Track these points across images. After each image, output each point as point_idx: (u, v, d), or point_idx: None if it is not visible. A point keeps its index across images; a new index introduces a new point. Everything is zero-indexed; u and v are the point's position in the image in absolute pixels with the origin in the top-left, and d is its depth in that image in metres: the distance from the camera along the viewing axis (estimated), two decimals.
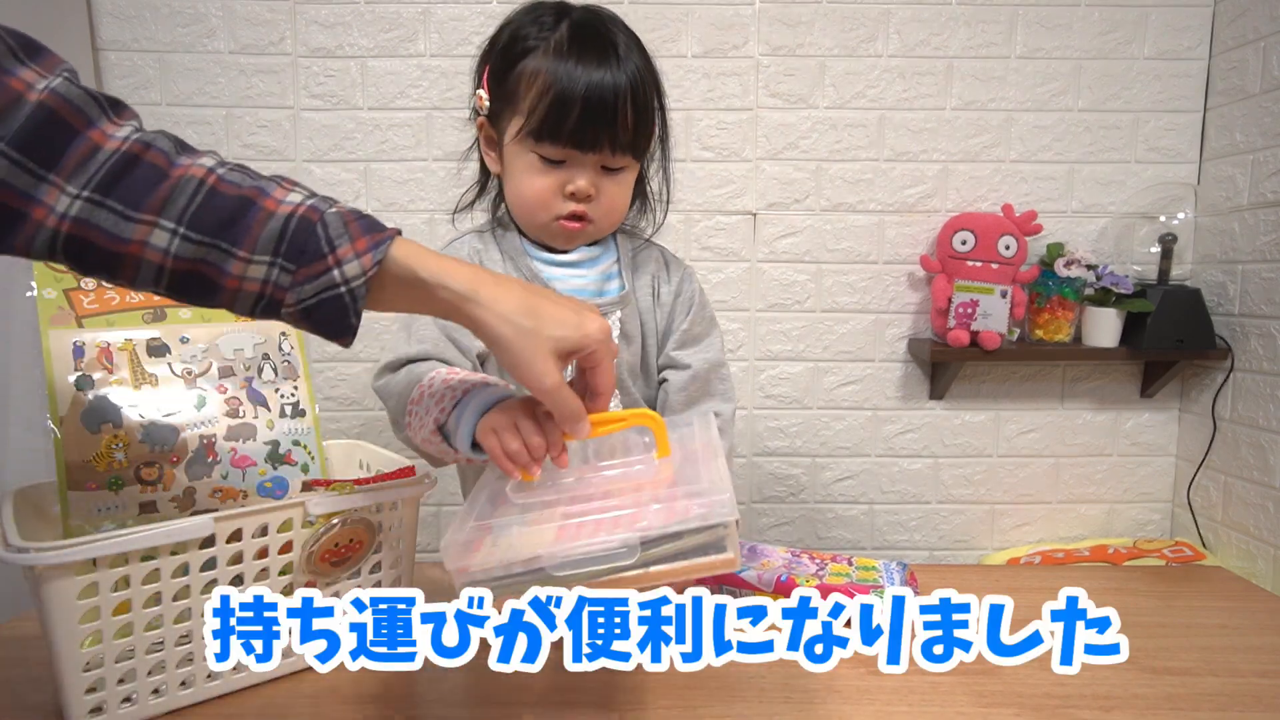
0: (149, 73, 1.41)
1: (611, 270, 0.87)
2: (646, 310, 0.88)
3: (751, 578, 0.84)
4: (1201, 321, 1.37)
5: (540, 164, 0.77)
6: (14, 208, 0.48)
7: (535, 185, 0.78)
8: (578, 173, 0.77)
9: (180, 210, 0.50)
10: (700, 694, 0.68)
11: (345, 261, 0.53)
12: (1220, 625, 0.84)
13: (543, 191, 0.78)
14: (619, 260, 0.88)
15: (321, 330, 0.55)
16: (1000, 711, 0.66)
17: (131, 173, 0.49)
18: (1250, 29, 1.35)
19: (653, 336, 0.88)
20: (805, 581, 0.81)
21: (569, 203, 0.78)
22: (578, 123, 0.74)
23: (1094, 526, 1.56)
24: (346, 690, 0.69)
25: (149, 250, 0.50)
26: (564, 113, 0.73)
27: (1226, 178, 1.40)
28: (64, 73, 0.49)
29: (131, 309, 0.77)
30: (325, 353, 1.49)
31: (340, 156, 1.45)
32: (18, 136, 0.47)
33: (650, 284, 0.88)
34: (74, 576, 0.58)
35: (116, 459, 0.71)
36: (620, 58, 0.75)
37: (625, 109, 0.75)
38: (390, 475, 0.78)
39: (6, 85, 0.46)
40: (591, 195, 0.78)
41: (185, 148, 0.52)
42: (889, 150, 1.47)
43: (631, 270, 0.88)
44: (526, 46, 0.76)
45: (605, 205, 0.80)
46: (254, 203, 0.52)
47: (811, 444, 1.54)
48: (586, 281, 0.85)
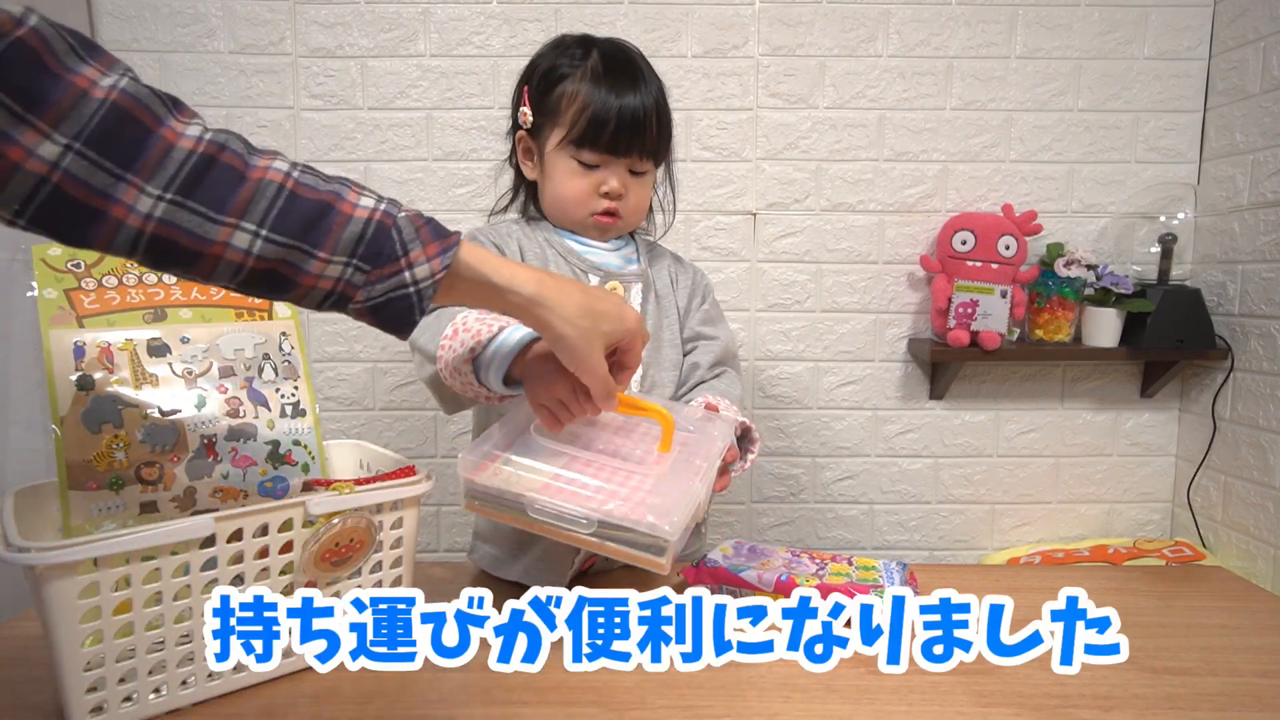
0: (149, 73, 1.41)
1: (630, 255, 1.00)
2: (665, 291, 1.00)
3: (751, 578, 0.84)
4: (1201, 321, 1.37)
5: (579, 168, 0.91)
6: (93, 206, 0.48)
7: (575, 185, 0.92)
8: (610, 175, 0.92)
9: (262, 213, 0.52)
10: (700, 694, 0.68)
11: (416, 265, 0.57)
12: (1220, 625, 0.84)
13: (581, 191, 0.92)
14: (636, 250, 1.01)
15: (385, 325, 0.60)
16: (1000, 711, 0.66)
17: (210, 174, 0.51)
18: (1250, 29, 1.35)
19: (672, 311, 1.00)
20: (805, 581, 0.81)
21: (603, 200, 0.93)
22: (613, 134, 0.88)
23: (1094, 526, 1.56)
24: (346, 690, 0.69)
25: (230, 250, 0.52)
26: (602, 126, 0.88)
27: (1226, 178, 1.40)
28: (127, 72, 0.50)
29: (132, 309, 0.77)
30: (325, 353, 1.49)
31: (340, 156, 1.45)
32: (93, 136, 0.47)
33: (667, 272, 1.02)
34: (74, 576, 0.58)
35: (117, 459, 0.71)
36: (645, 81, 0.91)
37: (652, 123, 0.91)
38: (390, 475, 0.78)
39: (72, 83, 0.47)
40: (622, 194, 0.93)
41: (253, 148, 0.54)
42: (889, 150, 1.47)
43: (648, 259, 1.01)
44: (564, 72, 0.91)
45: (633, 203, 0.94)
46: (332, 207, 0.55)
47: (811, 444, 1.54)
48: (610, 258, 0.98)
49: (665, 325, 0.99)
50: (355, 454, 0.90)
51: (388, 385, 1.50)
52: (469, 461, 0.69)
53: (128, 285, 0.77)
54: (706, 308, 1.03)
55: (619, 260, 0.98)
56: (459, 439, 1.51)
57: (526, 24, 1.43)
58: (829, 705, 0.66)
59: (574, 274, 0.94)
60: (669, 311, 1.00)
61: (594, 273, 0.95)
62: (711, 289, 1.07)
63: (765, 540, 1.54)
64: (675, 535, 0.65)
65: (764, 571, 0.85)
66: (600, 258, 0.97)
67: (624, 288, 0.96)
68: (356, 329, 1.49)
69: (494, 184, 1.01)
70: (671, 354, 0.98)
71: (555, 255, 0.95)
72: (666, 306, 1.00)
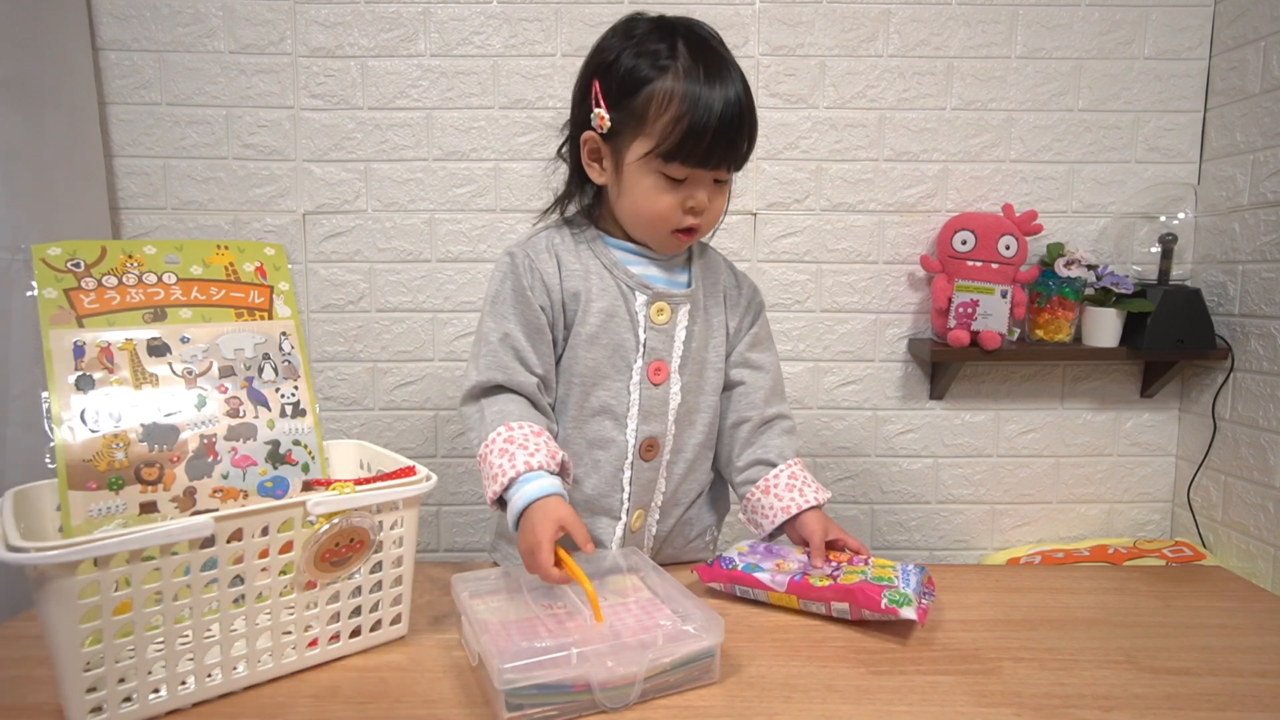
0: (149, 73, 1.41)
1: (680, 266, 0.93)
2: (716, 310, 0.94)
3: (765, 578, 0.84)
4: (1201, 321, 1.37)
5: (665, 183, 0.82)
6: None
7: (661, 203, 0.83)
8: (698, 189, 0.83)
9: None
10: (700, 694, 0.68)
11: None
12: (1220, 625, 0.84)
13: (666, 209, 0.83)
14: (690, 259, 0.94)
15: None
16: (1000, 711, 0.66)
17: None
18: (1250, 29, 1.35)
19: (720, 332, 0.95)
20: (819, 581, 0.81)
21: (687, 217, 0.84)
22: (709, 147, 0.79)
23: (1094, 526, 1.56)
24: (347, 690, 0.69)
25: None
26: (700, 138, 0.79)
27: (1226, 178, 1.40)
28: None
29: (132, 308, 0.77)
30: (325, 353, 1.49)
31: (340, 156, 1.45)
32: None
33: (721, 288, 0.96)
34: (74, 576, 0.58)
35: (117, 459, 0.71)
36: (734, 77, 0.81)
37: (747, 128, 0.82)
38: (390, 475, 0.78)
39: None
40: (705, 208, 0.85)
41: None
42: (889, 150, 1.47)
43: (701, 271, 0.94)
44: (647, 75, 0.80)
45: (712, 215, 0.86)
46: None
47: (811, 444, 1.54)
48: (658, 271, 0.90)
49: (711, 347, 0.94)
50: (355, 454, 0.90)
51: (388, 385, 1.50)
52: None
53: (128, 285, 0.77)
54: (756, 330, 0.97)
55: (667, 276, 0.91)
56: (459, 439, 1.51)
57: (526, 24, 1.43)
58: (829, 705, 0.66)
59: (618, 289, 0.87)
60: (717, 332, 0.94)
61: (641, 290, 0.88)
62: (764, 307, 1.00)
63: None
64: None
65: (777, 573, 0.84)
66: (648, 271, 0.90)
67: (671, 309, 0.89)
68: (356, 329, 1.49)
69: (547, 178, 0.96)
70: (715, 378, 0.94)
71: (600, 268, 0.88)
72: (715, 327, 0.94)
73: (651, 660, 0.65)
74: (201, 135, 1.43)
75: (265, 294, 0.85)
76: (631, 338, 0.88)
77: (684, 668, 0.67)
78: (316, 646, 0.73)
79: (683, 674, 0.68)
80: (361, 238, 1.47)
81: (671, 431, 0.91)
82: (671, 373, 0.89)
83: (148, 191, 1.44)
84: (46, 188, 1.24)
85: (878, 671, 0.72)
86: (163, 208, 1.45)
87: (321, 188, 1.46)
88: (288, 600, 0.70)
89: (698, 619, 0.69)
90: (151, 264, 0.80)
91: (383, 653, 0.76)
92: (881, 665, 0.73)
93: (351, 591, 0.74)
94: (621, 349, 0.88)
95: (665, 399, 0.89)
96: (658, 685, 0.66)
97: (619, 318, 0.87)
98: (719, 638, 0.68)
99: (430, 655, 0.75)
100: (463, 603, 0.73)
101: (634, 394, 0.88)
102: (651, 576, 0.80)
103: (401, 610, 0.78)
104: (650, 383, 0.88)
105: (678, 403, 0.90)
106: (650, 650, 0.65)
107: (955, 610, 0.85)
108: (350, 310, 1.49)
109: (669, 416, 0.90)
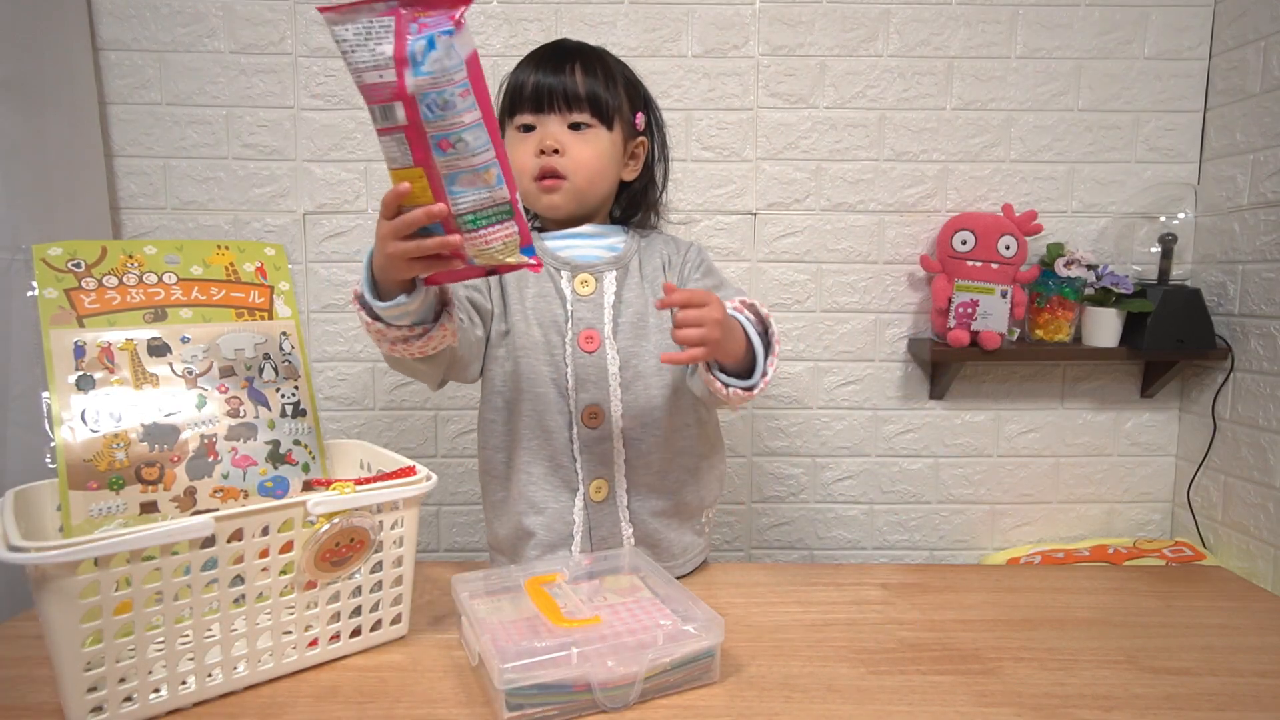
0: (149, 73, 1.41)
1: (615, 245, 0.97)
2: (654, 275, 0.96)
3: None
4: (1201, 321, 1.37)
5: (519, 135, 0.91)
6: None
7: (519, 155, 0.90)
8: (545, 132, 0.89)
9: None
10: (700, 694, 0.68)
11: None
12: (1220, 625, 0.84)
13: (523, 158, 0.90)
14: (626, 240, 0.98)
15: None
16: (1000, 711, 0.66)
17: None
18: (1250, 29, 1.35)
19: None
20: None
21: (540, 159, 0.89)
22: (534, 88, 0.88)
23: (1094, 526, 1.56)
24: (347, 690, 0.69)
25: None
26: (524, 80, 0.89)
27: (1226, 178, 1.40)
28: None
29: (132, 308, 0.77)
30: (325, 353, 1.49)
31: (340, 156, 1.45)
32: None
33: (659, 255, 0.98)
34: (74, 576, 0.58)
35: (117, 458, 0.71)
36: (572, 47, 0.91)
37: (574, 69, 0.89)
38: (390, 475, 0.78)
39: None
40: (559, 149, 0.89)
41: None
42: (889, 150, 1.47)
43: (637, 244, 0.98)
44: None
45: (575, 160, 0.90)
46: None
47: (811, 444, 1.54)
48: (589, 251, 0.95)
49: (651, 310, 0.94)
50: (355, 454, 0.90)
51: (388, 385, 1.50)
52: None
53: (128, 285, 0.77)
54: (699, 276, 0.97)
55: (600, 252, 0.95)
56: (459, 439, 1.51)
57: (527, 24, 1.43)
58: (829, 705, 0.66)
59: (548, 273, 0.93)
60: (659, 294, 0.93)
61: (564, 268, 0.93)
62: (706, 254, 1.00)
63: (765, 541, 1.54)
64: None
65: None
66: (575, 252, 0.94)
67: (594, 278, 0.93)
68: (357, 329, 1.49)
69: None
70: (661, 340, 0.93)
71: (546, 257, 0.93)
72: (658, 290, 0.94)
73: (651, 660, 0.65)
74: (201, 135, 1.43)
75: (265, 294, 0.85)
76: (562, 311, 0.92)
77: (684, 668, 0.67)
78: (317, 646, 0.73)
79: (683, 674, 0.68)
80: (361, 238, 1.47)
81: (618, 396, 0.91)
82: (604, 339, 0.92)
83: (148, 191, 1.44)
84: (46, 188, 1.24)
85: (878, 671, 0.72)
86: (163, 208, 1.45)
87: (321, 188, 1.46)
88: (288, 600, 0.70)
89: (698, 619, 0.69)
90: (152, 264, 0.80)
91: (383, 653, 0.76)
92: (881, 665, 0.73)
93: (352, 591, 0.74)
94: (556, 323, 0.92)
95: (603, 365, 0.91)
96: (658, 685, 0.66)
97: (549, 297, 0.93)
98: (719, 638, 0.68)
99: (430, 655, 0.75)
100: (463, 603, 0.73)
101: (569, 364, 0.91)
102: (652, 576, 0.80)
103: (401, 610, 0.78)
104: (583, 350, 0.91)
105: (617, 366, 0.91)
106: (650, 650, 0.65)
107: (955, 610, 0.85)
108: (350, 310, 1.49)
109: (609, 383, 0.91)
